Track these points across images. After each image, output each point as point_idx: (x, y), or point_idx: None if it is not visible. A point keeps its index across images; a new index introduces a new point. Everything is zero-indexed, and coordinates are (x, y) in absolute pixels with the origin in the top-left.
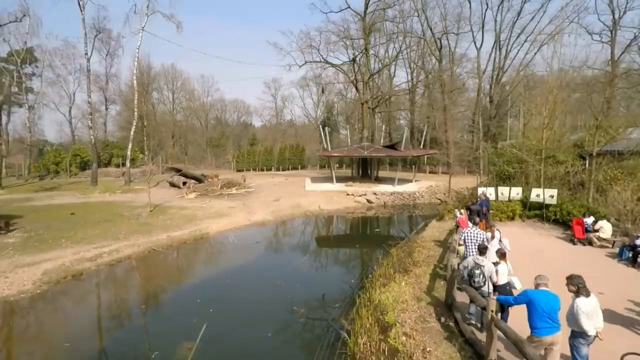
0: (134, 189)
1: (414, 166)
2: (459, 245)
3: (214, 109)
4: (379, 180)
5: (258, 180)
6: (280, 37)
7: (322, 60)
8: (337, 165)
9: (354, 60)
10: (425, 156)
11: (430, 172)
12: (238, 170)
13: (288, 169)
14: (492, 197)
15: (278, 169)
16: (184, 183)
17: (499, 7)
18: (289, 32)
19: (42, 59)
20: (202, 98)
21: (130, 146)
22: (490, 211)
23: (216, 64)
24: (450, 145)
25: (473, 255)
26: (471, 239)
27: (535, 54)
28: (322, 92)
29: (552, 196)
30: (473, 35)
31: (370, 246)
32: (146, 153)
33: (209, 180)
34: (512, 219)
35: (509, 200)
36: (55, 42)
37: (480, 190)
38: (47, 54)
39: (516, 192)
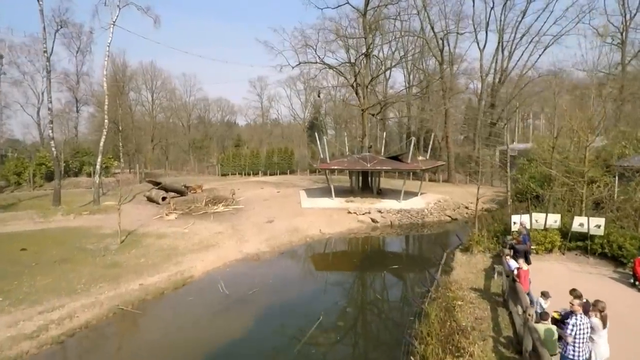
0: (103, 209)
1: (411, 174)
2: (536, 321)
3: (197, 109)
4: (381, 194)
5: (247, 193)
6: (271, 35)
7: (319, 61)
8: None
9: (354, 62)
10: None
11: (430, 180)
12: (223, 175)
13: (276, 174)
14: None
15: (265, 173)
16: (164, 198)
17: (503, 6)
18: (280, 29)
19: (3, 55)
20: (184, 98)
21: (99, 159)
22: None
23: (199, 62)
24: (451, 152)
25: (583, 356)
26: (583, 332)
27: (540, 55)
28: (318, 96)
29: (598, 226)
30: (476, 36)
31: (391, 291)
32: (122, 160)
33: (192, 192)
34: (550, 251)
35: (545, 229)
36: (17, 37)
37: (515, 218)
38: (7, 50)
39: (554, 220)
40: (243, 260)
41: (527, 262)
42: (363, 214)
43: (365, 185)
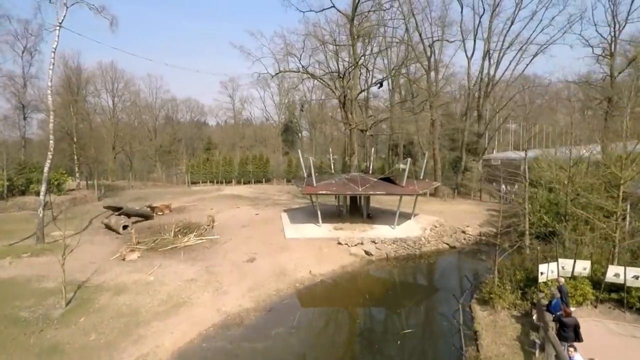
0: (49, 247)
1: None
2: None
3: (164, 110)
4: (371, 217)
5: (222, 215)
6: (247, 37)
7: (303, 70)
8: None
9: (343, 75)
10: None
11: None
12: (193, 183)
13: (251, 182)
14: (553, 274)
15: (239, 182)
16: (125, 227)
17: (492, 14)
18: (259, 33)
19: None
20: (149, 100)
21: (43, 188)
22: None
23: (166, 60)
24: (438, 165)
25: None
26: None
27: (528, 65)
28: (301, 109)
29: (636, 277)
30: (464, 44)
31: None
32: (77, 175)
33: (159, 213)
34: (581, 304)
35: (572, 277)
36: None
37: (542, 268)
38: None
39: (583, 267)
40: (223, 326)
41: (578, 338)
42: (355, 245)
43: (354, 207)
